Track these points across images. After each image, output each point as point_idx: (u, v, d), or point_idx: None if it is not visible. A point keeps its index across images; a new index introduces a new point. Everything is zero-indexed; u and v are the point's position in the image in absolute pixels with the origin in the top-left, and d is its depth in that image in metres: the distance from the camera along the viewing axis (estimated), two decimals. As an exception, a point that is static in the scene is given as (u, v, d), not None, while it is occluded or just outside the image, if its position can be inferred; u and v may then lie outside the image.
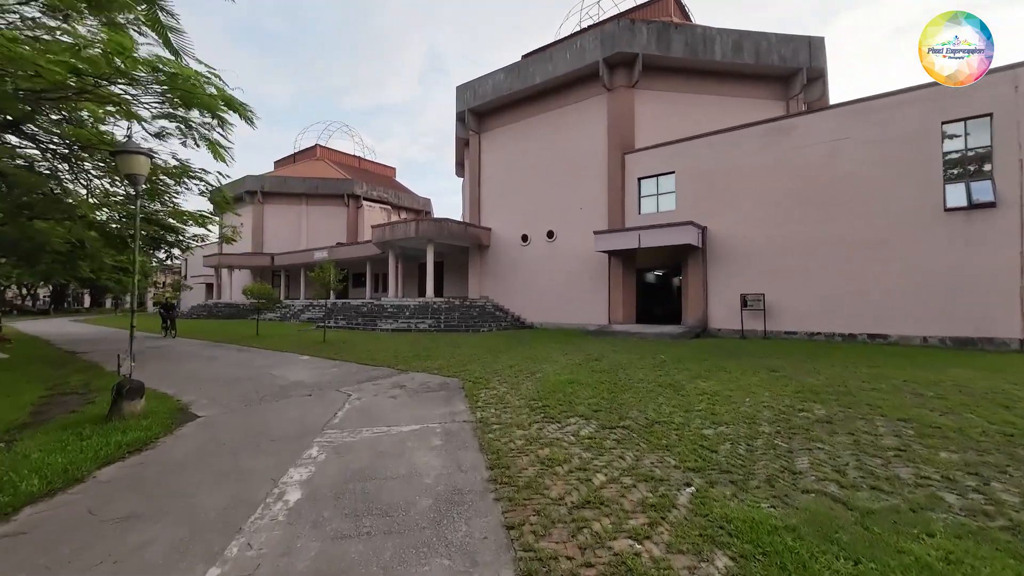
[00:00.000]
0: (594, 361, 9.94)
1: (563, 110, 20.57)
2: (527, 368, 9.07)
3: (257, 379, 8.39)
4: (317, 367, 9.66)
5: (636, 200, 18.29)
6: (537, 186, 21.40)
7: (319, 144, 46.63)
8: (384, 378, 8.32)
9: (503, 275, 22.49)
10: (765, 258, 15.24)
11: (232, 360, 10.86)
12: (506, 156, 22.78)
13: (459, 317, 19.41)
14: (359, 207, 40.00)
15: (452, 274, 27.61)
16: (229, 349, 13.16)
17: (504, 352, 11.63)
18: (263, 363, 10.28)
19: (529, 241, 21.56)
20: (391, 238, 21.69)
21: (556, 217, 20.64)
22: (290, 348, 13.02)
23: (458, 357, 10.75)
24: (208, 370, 9.39)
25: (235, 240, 13.71)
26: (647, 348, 12.32)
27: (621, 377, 8.06)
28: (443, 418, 5.65)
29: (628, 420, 5.44)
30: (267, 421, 5.64)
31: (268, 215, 39.54)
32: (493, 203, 23.30)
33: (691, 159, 16.93)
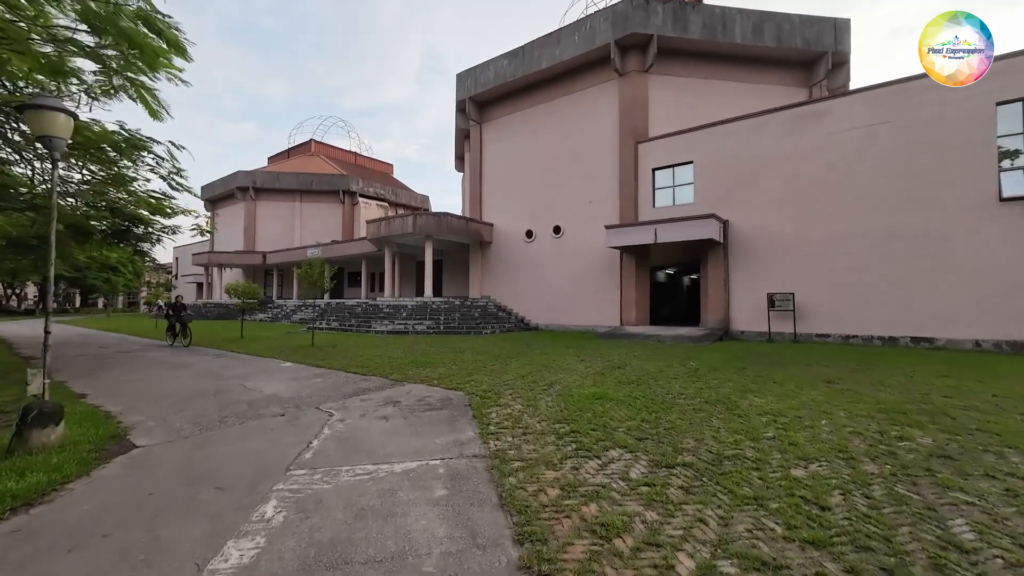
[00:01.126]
0: (617, 369, 8.69)
1: (571, 97, 19.31)
2: (542, 378, 7.81)
3: (225, 393, 7.10)
4: (299, 377, 8.38)
5: (651, 192, 17.05)
6: (543, 178, 20.14)
7: (314, 139, 45.27)
8: (375, 391, 7.05)
9: (506, 273, 21.23)
10: (794, 254, 14.01)
11: (204, 368, 9.57)
12: (509, 147, 21.51)
13: (460, 318, 18.14)
14: (355, 204, 38.67)
15: (452, 273, 26.33)
16: (205, 355, 11.85)
17: (513, 358, 10.37)
18: (238, 372, 8.99)
19: (534, 237, 20.30)
20: (387, 234, 20.40)
21: (563, 211, 19.38)
22: (273, 353, 11.73)
23: (461, 364, 9.48)
24: (172, 381, 8.10)
25: (210, 232, 12.41)
26: (671, 353, 11.07)
27: (656, 390, 6.81)
28: (447, 450, 4.39)
29: (686, 453, 4.20)
30: (219, 455, 4.37)
31: (261, 212, 38.20)
32: (495, 197, 22.03)
33: (711, 148, 15.69)
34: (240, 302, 15.56)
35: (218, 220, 42.69)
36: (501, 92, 21.15)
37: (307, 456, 4.26)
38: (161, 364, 10.20)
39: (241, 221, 38.27)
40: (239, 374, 8.71)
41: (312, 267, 13.23)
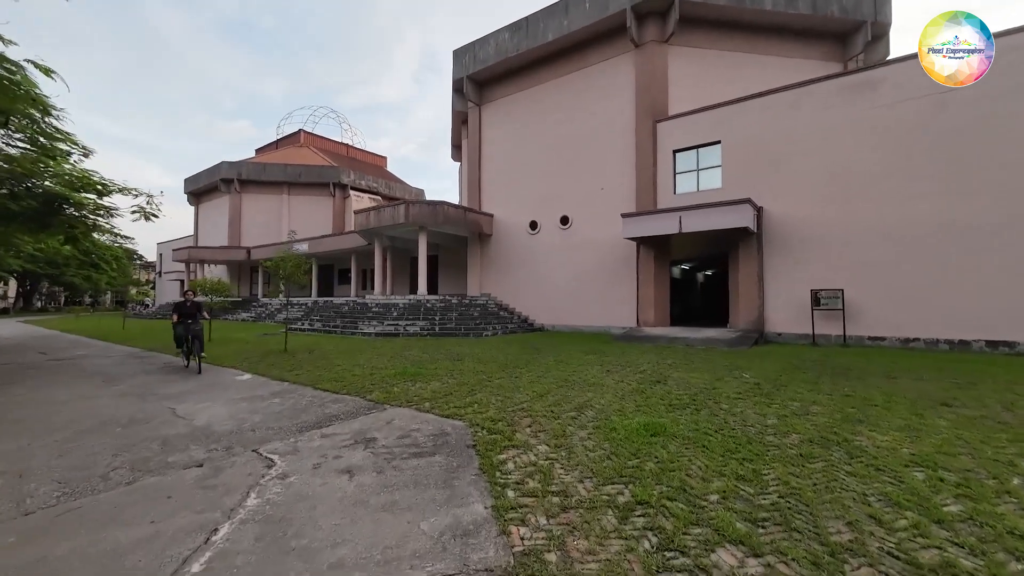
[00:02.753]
0: (657, 384, 6.88)
1: (581, 73, 17.45)
2: (567, 399, 5.99)
3: (141, 424, 5.23)
4: (252, 396, 6.51)
5: (671, 177, 15.24)
6: (549, 164, 18.29)
7: (303, 130, 43.20)
8: (345, 420, 5.20)
9: (508, 269, 19.37)
10: (838, 245, 12.26)
11: (138, 383, 7.68)
12: (511, 130, 19.64)
13: (457, 318, 16.28)
14: (346, 197, 36.65)
15: (448, 269, 24.45)
16: (150, 363, 9.95)
17: (522, 368, 8.53)
18: (178, 389, 7.11)
19: (539, 229, 18.45)
20: (377, 225, 18.50)
21: (572, 200, 17.55)
22: (235, 361, 9.84)
23: (460, 377, 7.64)
24: (82, 404, 6.21)
25: (155, 215, 10.51)
26: (709, 361, 9.27)
27: (726, 419, 5.00)
28: (442, 549, 2.55)
29: (851, 557, 2.38)
30: (51, 563, 2.51)
31: (246, 206, 36.15)
32: (496, 186, 20.16)
33: (742, 126, 13.89)
34: (210, 301, 13.63)
35: (202, 214, 40.69)
36: (502, 70, 19.26)
37: (194, 569, 2.41)
38: (87, 377, 8.29)
39: (226, 215, 36.22)
40: (177, 392, 6.83)
41: (285, 261, 11.32)
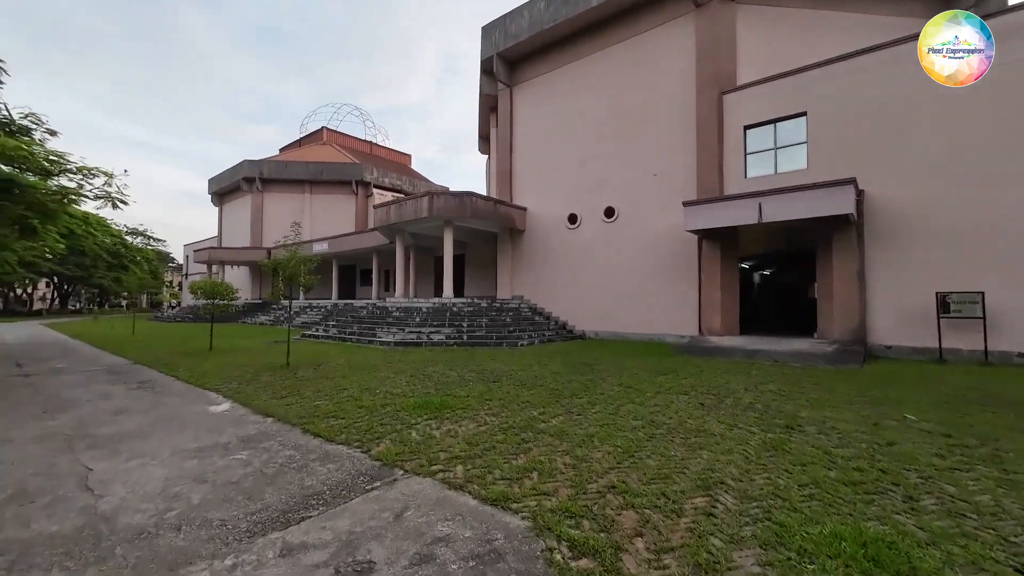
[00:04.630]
0: (790, 432, 4.70)
1: (629, 43, 15.22)
2: (671, 462, 3.86)
3: (17, 503, 3.38)
4: (212, 445, 4.62)
5: (741, 158, 12.84)
6: (591, 149, 16.12)
7: (326, 127, 42.24)
8: (330, 504, 3.23)
9: (543, 268, 17.27)
10: (974, 237, 9.68)
11: (75, 418, 5.93)
12: (547, 113, 17.55)
13: (487, 325, 14.28)
14: (369, 195, 35.30)
15: (475, 269, 22.52)
16: (123, 382, 8.30)
17: (582, 397, 6.42)
18: (119, 430, 5.28)
19: (579, 222, 16.29)
20: (398, 220, 16.69)
21: (618, 189, 15.32)
22: (223, 378, 8.07)
23: (502, 413, 5.59)
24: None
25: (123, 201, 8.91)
26: (821, 385, 6.95)
27: (980, 530, 2.76)
28: None
29: None
30: None
31: (268, 205, 35.24)
32: (529, 176, 18.10)
33: (832, 93, 11.41)
34: (210, 304, 12.05)
35: (225, 214, 40.13)
36: (537, 44, 17.19)
37: None
38: (32, 404, 6.61)
39: (248, 215, 35.41)
40: (118, 434, 5.00)
41: (288, 261, 9.54)
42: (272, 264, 9.86)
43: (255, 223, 35.06)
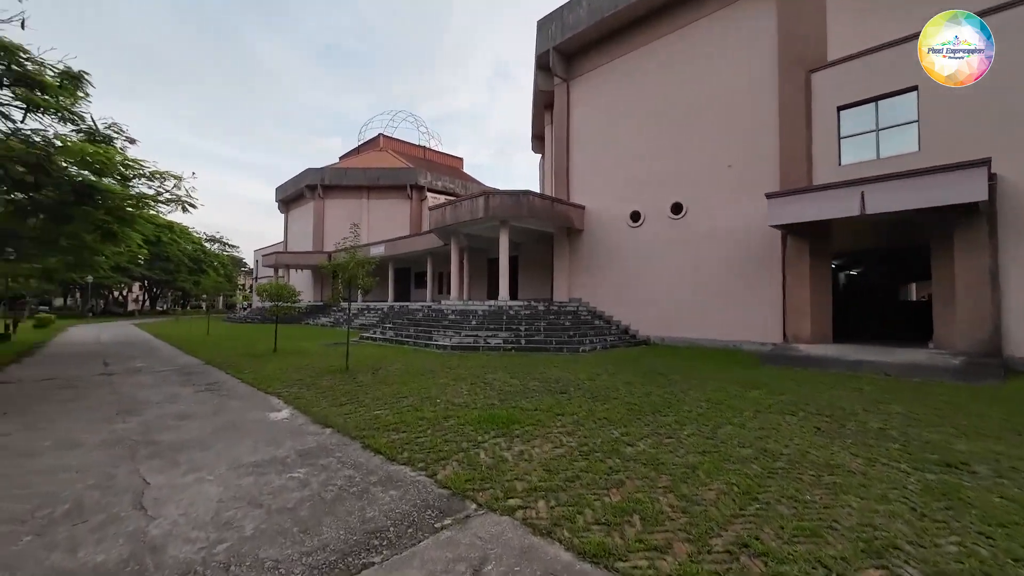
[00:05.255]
0: (961, 471, 3.68)
1: (699, 25, 14.07)
2: (812, 515, 3.00)
3: (68, 524, 3.15)
4: (269, 460, 4.30)
5: (834, 143, 11.38)
6: (654, 142, 15.08)
7: (383, 134, 43.43)
8: (394, 546, 2.71)
9: (603, 269, 16.39)
10: None
11: (141, 423, 5.91)
12: (606, 106, 16.68)
13: (546, 328, 13.63)
14: (423, 199, 35.78)
15: (529, 270, 21.95)
16: (194, 383, 8.43)
17: (666, 414, 5.61)
18: (181, 437, 5.14)
19: (642, 220, 15.27)
20: (453, 221, 16.46)
21: (686, 183, 14.19)
22: (285, 382, 7.98)
23: (578, 431, 4.93)
24: (42, 464, 4.38)
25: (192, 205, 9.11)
26: (959, 407, 5.68)
27: None
28: None
29: None
30: None
31: (329, 210, 36.61)
32: (588, 173, 17.28)
33: (953, 61, 9.76)
34: (274, 306, 12.33)
35: (290, 221, 42.24)
36: (595, 35, 16.38)
37: None
38: (108, 405, 6.74)
39: (310, 221, 37.01)
40: (179, 442, 4.84)
41: (347, 264, 9.41)
42: (332, 266, 9.79)
43: (316, 228, 36.57)
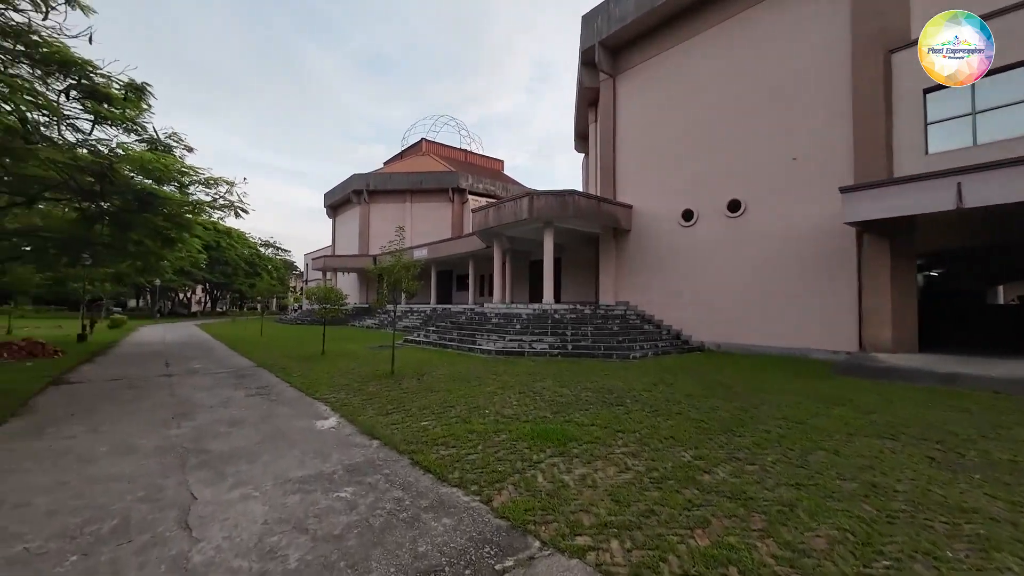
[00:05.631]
0: None
1: (761, 7, 13.12)
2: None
3: (114, 544, 3.02)
4: (315, 476, 4.09)
5: (919, 129, 10.21)
6: (708, 136, 14.22)
7: (425, 139, 44.13)
8: (452, 595, 2.37)
9: (652, 271, 15.63)
10: None
11: (193, 429, 5.91)
12: (655, 100, 15.93)
13: (593, 333, 13.08)
14: (464, 202, 35.96)
15: (572, 273, 21.42)
16: (244, 386, 8.53)
17: (741, 435, 5.01)
18: (230, 446, 5.07)
19: (695, 219, 14.42)
20: (496, 223, 16.22)
21: (743, 178, 13.26)
22: (332, 386, 7.92)
23: (643, 453, 4.44)
24: (98, 471, 4.38)
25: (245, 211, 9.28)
26: None
27: None
28: None
29: None
30: None
31: (374, 214, 37.50)
32: (634, 171, 16.58)
33: (1072, 29, 8.49)
34: (322, 309, 12.55)
35: (338, 225, 43.65)
36: (644, 26, 15.68)
37: None
38: (164, 408, 6.87)
39: (356, 225, 38.04)
40: (229, 450, 4.75)
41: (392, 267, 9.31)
42: (378, 270, 9.73)
43: (362, 232, 37.53)
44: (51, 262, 15.29)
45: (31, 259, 14.54)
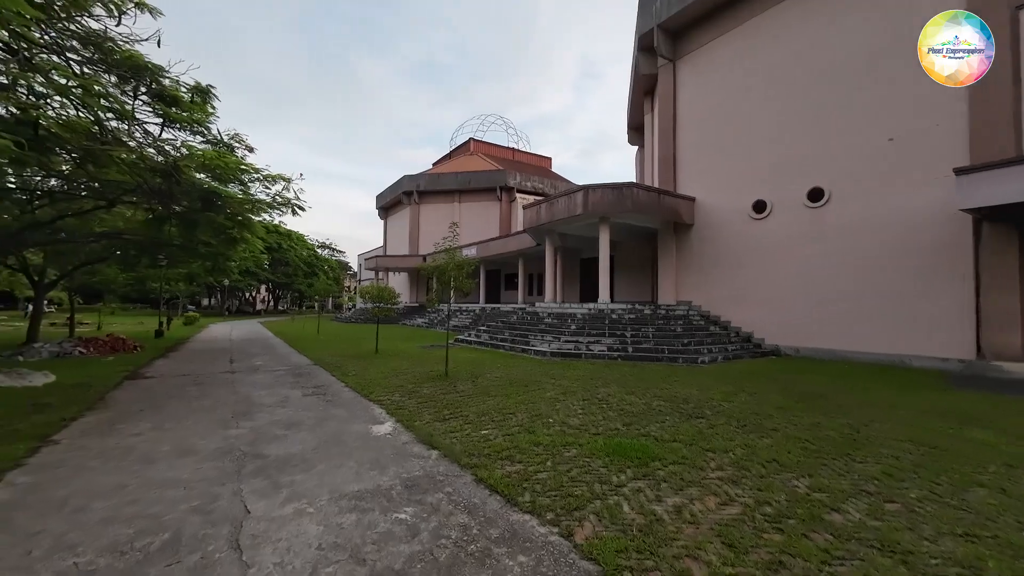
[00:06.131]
0: None
1: (844, -29, 11.72)
2: None
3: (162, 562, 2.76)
4: (372, 491, 3.73)
5: (1059, 97, 8.61)
6: (784, 118, 12.93)
7: (473, 138, 44.23)
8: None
9: (718, 268, 14.48)
10: None
11: (251, 431, 5.78)
12: (720, 84, 14.75)
13: (655, 335, 12.21)
14: (512, 200, 35.64)
15: (625, 271, 20.46)
16: (302, 385, 8.50)
17: (859, 458, 4.19)
18: (285, 451, 4.85)
19: (769, 211, 13.17)
20: (549, 220, 15.66)
21: (828, 164, 11.90)
22: (388, 388, 7.69)
23: (742, 480, 3.74)
24: (156, 475, 4.25)
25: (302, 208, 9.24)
26: None
27: None
28: None
29: None
30: None
31: (423, 215, 38.00)
32: (697, 161, 15.46)
33: None
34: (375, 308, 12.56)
35: (389, 226, 44.71)
36: (707, 6, 14.53)
37: None
38: (225, 406, 6.88)
39: (407, 225, 38.72)
40: (283, 457, 4.51)
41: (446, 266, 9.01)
42: (431, 268, 9.47)
43: (412, 232, 38.13)
44: (133, 263, 16.43)
45: (116, 260, 15.64)
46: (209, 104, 8.24)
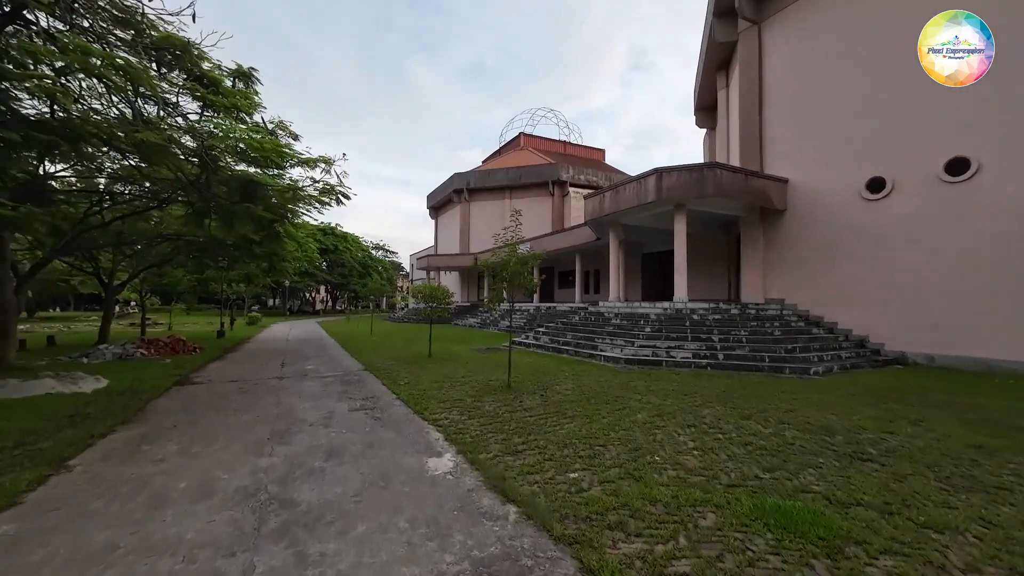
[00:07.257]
0: None
1: None
2: None
3: None
4: (430, 567, 2.58)
5: None
6: (907, 78, 10.62)
7: (523, 133, 43.06)
8: None
9: (819, 260, 12.32)
10: None
11: (290, 455, 4.84)
12: (820, 45, 12.55)
13: (748, 339, 10.40)
14: (565, 195, 34.15)
15: (697, 265, 18.39)
16: (348, 398, 7.62)
17: None
18: (324, 497, 3.85)
19: (888, 189, 10.93)
20: (613, 210, 14.13)
21: (972, 128, 9.57)
22: (440, 405, 6.60)
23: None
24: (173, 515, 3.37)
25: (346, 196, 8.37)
26: None
27: None
28: None
29: None
30: None
31: (474, 212, 37.32)
32: (789, 137, 13.33)
33: None
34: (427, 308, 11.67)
35: (440, 225, 44.55)
36: (804, -48, 12.39)
37: None
38: (266, 422, 6.07)
39: (457, 224, 38.23)
40: (319, 503, 3.49)
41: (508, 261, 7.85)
42: (491, 265, 8.34)
43: (463, 231, 37.55)
44: (196, 264, 16.68)
45: (178, 262, 15.89)
46: (252, 88, 7.59)
